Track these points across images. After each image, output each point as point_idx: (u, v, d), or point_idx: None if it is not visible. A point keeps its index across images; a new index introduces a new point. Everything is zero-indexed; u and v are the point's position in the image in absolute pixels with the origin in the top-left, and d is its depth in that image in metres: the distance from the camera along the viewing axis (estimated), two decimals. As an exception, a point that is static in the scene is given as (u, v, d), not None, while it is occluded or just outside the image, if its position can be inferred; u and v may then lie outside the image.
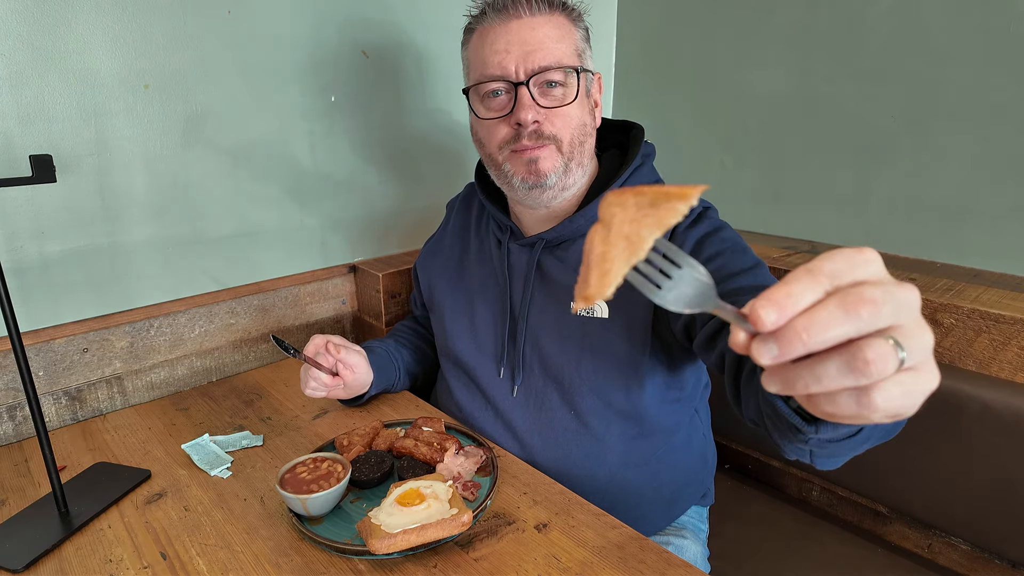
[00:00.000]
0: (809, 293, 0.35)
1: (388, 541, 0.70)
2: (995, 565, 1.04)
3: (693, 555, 0.99)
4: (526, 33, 0.87)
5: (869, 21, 1.27)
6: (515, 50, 0.87)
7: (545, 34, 0.87)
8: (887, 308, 0.34)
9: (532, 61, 0.87)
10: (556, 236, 0.95)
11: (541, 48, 0.87)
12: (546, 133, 0.89)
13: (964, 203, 1.21)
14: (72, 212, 1.05)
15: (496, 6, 0.89)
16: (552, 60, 0.87)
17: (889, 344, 0.35)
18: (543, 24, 0.88)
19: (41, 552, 0.77)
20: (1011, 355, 0.98)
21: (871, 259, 0.37)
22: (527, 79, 0.87)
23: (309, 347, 0.98)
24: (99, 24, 1.02)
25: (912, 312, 0.36)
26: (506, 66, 0.87)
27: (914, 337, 0.36)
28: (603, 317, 0.91)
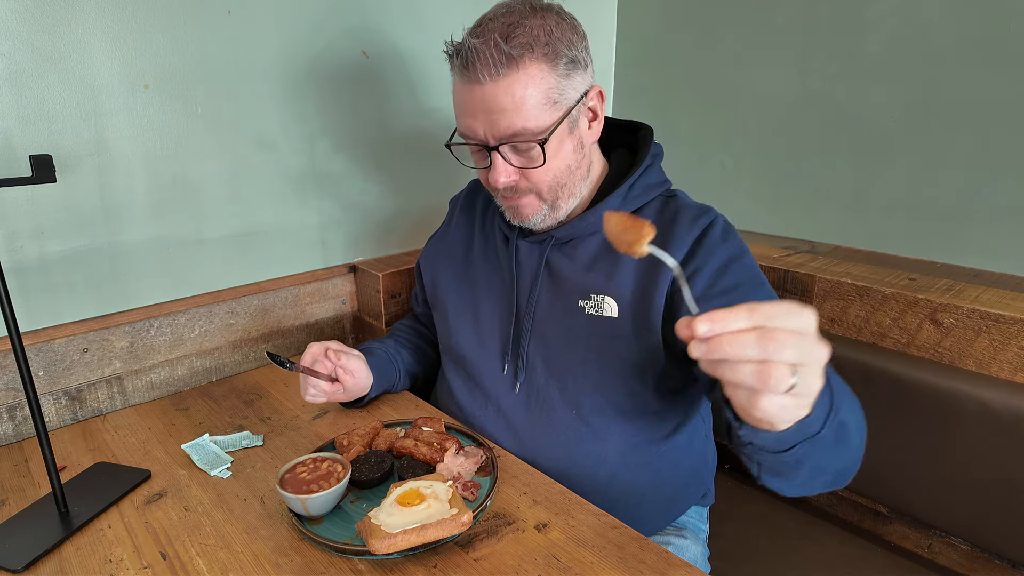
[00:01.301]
0: (740, 322, 0.49)
1: (388, 541, 0.70)
2: (995, 565, 1.04)
3: (693, 555, 0.99)
4: (489, 101, 0.83)
5: (869, 21, 1.27)
6: (481, 117, 0.84)
7: (509, 100, 0.82)
8: (791, 350, 0.48)
9: (498, 129, 0.84)
10: (566, 234, 0.95)
11: (504, 116, 0.83)
12: (521, 188, 0.89)
13: (964, 203, 1.21)
14: (72, 212, 1.05)
15: (464, 60, 0.83)
16: (518, 127, 0.83)
17: (788, 371, 0.49)
18: (506, 89, 0.82)
19: (41, 552, 0.77)
20: (1011, 355, 0.98)
21: (806, 316, 0.50)
22: (496, 145, 0.86)
23: (306, 356, 0.98)
24: (99, 24, 1.02)
25: (813, 359, 0.50)
26: (475, 131, 0.86)
27: (808, 376, 0.51)
28: (612, 316, 0.91)
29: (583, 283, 0.93)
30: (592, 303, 0.92)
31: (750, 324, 0.49)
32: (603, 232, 0.90)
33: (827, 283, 1.17)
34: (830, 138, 1.37)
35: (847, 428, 0.66)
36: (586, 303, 0.92)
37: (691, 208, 0.92)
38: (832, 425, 0.62)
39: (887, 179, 1.30)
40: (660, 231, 0.89)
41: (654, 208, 0.94)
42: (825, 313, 1.18)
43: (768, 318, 0.49)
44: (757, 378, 0.49)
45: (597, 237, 0.95)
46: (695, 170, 1.63)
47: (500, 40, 0.81)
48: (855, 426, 0.70)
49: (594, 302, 0.92)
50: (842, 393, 0.67)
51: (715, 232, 0.88)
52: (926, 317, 1.06)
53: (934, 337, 1.06)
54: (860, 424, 0.72)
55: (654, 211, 0.94)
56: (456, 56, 0.85)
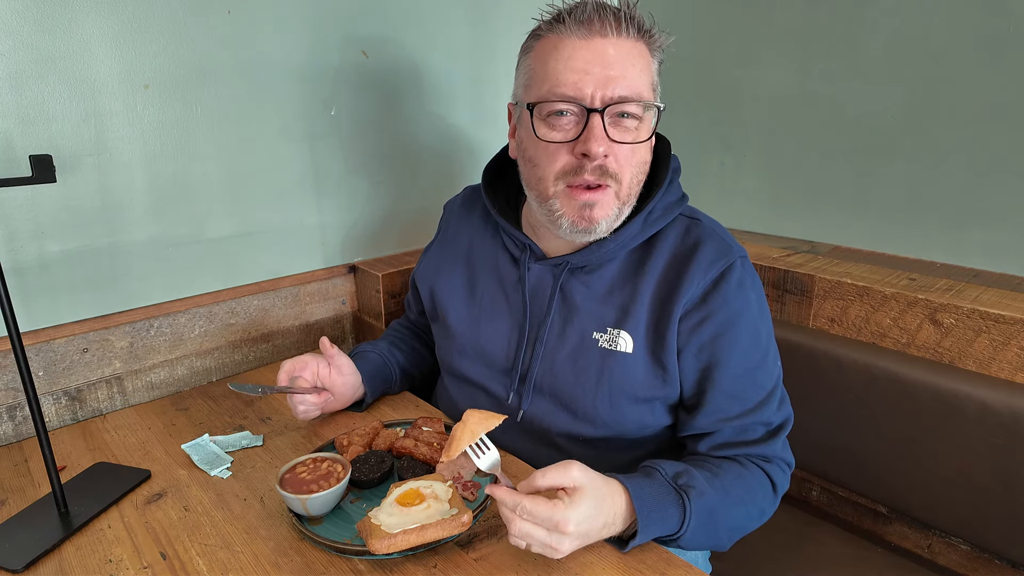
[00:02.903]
0: (504, 511, 0.69)
1: (388, 541, 0.70)
2: (995, 565, 1.04)
3: (694, 555, 0.99)
4: (611, 55, 0.78)
5: (869, 21, 1.27)
6: (596, 72, 0.78)
7: (630, 60, 0.79)
8: (523, 532, 0.68)
9: (612, 89, 0.78)
10: (582, 260, 0.90)
11: (624, 76, 0.79)
12: (610, 170, 0.81)
13: (964, 203, 1.21)
14: (72, 212, 1.05)
15: (579, 17, 0.79)
16: (633, 91, 0.79)
17: (520, 541, 0.69)
18: (629, 49, 0.79)
19: (41, 552, 0.77)
20: (1011, 355, 0.98)
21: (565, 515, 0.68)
22: (603, 107, 0.79)
23: (280, 376, 0.97)
24: (99, 24, 1.02)
25: (545, 539, 0.68)
26: (582, 88, 0.79)
27: (537, 547, 0.69)
28: (627, 352, 0.88)
29: (599, 314, 0.90)
30: (607, 336, 0.89)
31: (507, 515, 0.69)
32: (619, 260, 0.91)
33: (827, 283, 1.17)
34: (830, 138, 1.37)
35: (689, 547, 0.79)
36: (601, 335, 0.89)
37: (712, 244, 0.88)
38: (673, 544, 0.78)
39: (887, 179, 1.30)
40: (677, 260, 0.88)
41: (675, 232, 0.90)
42: (825, 313, 1.18)
43: (522, 512, 0.68)
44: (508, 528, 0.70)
45: (615, 264, 0.91)
46: (695, 170, 1.63)
47: (628, 6, 0.81)
48: (711, 542, 0.82)
49: (609, 335, 0.89)
50: (704, 527, 0.77)
51: (731, 280, 0.86)
52: (926, 317, 1.06)
53: (934, 337, 1.06)
54: (723, 535, 0.82)
55: (675, 236, 0.90)
56: (570, 14, 0.80)
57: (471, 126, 1.53)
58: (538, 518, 0.67)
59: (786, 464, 0.90)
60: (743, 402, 0.87)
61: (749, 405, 0.87)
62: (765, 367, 0.89)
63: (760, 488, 0.86)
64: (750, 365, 0.87)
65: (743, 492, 0.83)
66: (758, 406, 0.87)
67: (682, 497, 0.76)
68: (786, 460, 0.90)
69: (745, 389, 0.87)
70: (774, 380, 0.89)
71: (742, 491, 0.83)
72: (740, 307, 0.87)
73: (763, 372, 0.88)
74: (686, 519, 0.75)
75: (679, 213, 0.92)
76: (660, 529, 0.74)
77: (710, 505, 0.78)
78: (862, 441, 1.11)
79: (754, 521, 0.86)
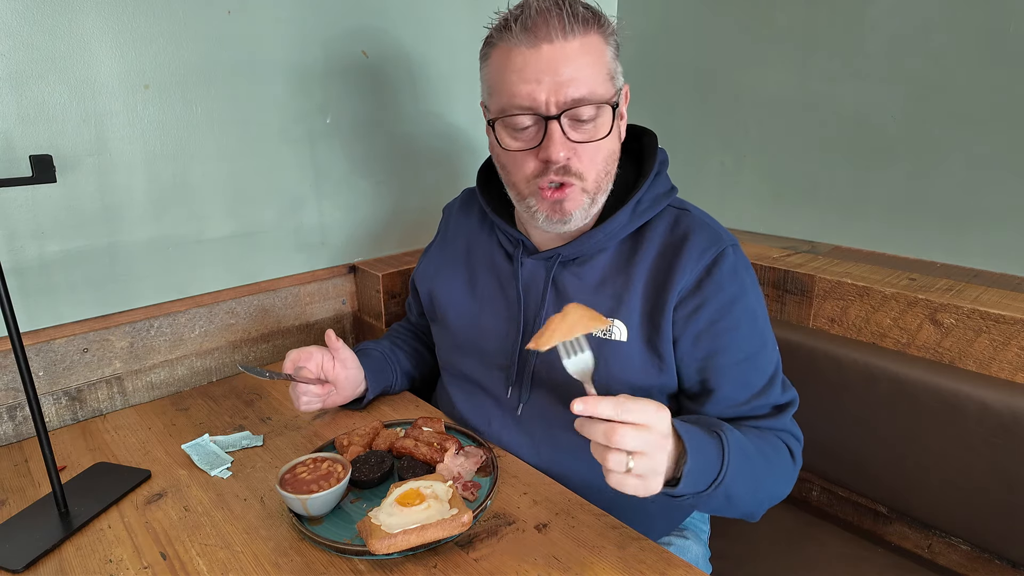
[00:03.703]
0: (604, 412, 0.64)
1: (388, 541, 0.70)
2: (995, 565, 1.04)
3: (695, 556, 0.99)
4: (559, 61, 0.79)
5: (869, 21, 1.27)
6: (547, 80, 0.79)
7: (579, 62, 0.80)
8: (631, 441, 0.63)
9: (565, 94, 0.79)
10: (573, 252, 0.92)
11: (575, 79, 0.79)
12: (573, 170, 0.84)
13: (964, 203, 1.21)
14: (72, 212, 1.05)
15: (524, 23, 0.79)
16: (586, 92, 0.80)
17: (623, 457, 0.64)
18: (577, 49, 0.79)
19: (41, 552, 0.77)
20: (1011, 355, 0.98)
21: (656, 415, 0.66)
22: (559, 113, 0.80)
23: (287, 364, 0.97)
24: (99, 24, 1.02)
25: (653, 447, 0.65)
26: (536, 98, 0.80)
27: (645, 461, 0.65)
28: (622, 341, 0.89)
29: (591, 304, 0.89)
30: None
31: (610, 415, 0.64)
32: (610, 251, 0.92)
33: (827, 283, 1.17)
34: (830, 138, 1.37)
35: (732, 499, 0.77)
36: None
37: (702, 233, 0.89)
38: (717, 493, 0.74)
39: (887, 179, 1.30)
40: (668, 249, 0.89)
41: (664, 222, 0.92)
42: (825, 313, 1.18)
43: (624, 412, 0.64)
44: (601, 456, 0.66)
45: (605, 255, 0.92)
46: (695, 170, 1.63)
47: (568, 6, 0.79)
48: (748, 495, 0.81)
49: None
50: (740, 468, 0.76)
51: (724, 266, 0.87)
52: (926, 317, 1.06)
53: (934, 337, 1.06)
54: (758, 490, 0.82)
55: (665, 226, 0.91)
56: (516, 20, 0.80)
57: (471, 126, 1.53)
58: (640, 415, 0.64)
59: (796, 439, 0.90)
60: (749, 387, 0.88)
61: (754, 390, 0.88)
62: (765, 351, 0.90)
63: (781, 451, 0.86)
64: (751, 350, 0.88)
65: (771, 450, 0.84)
66: (763, 390, 0.88)
67: (716, 432, 0.76)
68: (795, 435, 0.90)
69: (748, 373, 0.88)
70: (775, 364, 0.90)
71: (770, 449, 0.84)
72: (736, 292, 0.88)
73: (764, 356, 0.89)
74: (726, 452, 0.74)
75: (668, 204, 0.93)
76: (705, 459, 0.72)
77: (744, 446, 0.78)
78: (862, 441, 1.11)
79: (781, 487, 0.86)
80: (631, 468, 0.64)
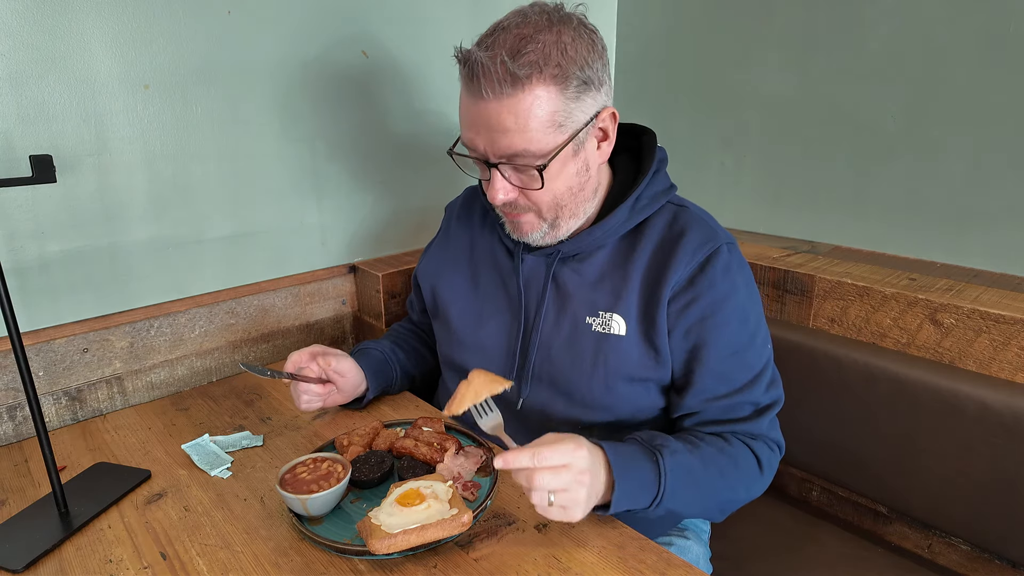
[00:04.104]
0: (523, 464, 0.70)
1: (388, 541, 0.70)
2: (995, 565, 1.04)
3: (695, 555, 0.99)
4: (492, 118, 0.80)
5: (869, 21, 1.27)
6: (483, 133, 0.82)
7: (511, 121, 0.79)
8: (549, 484, 0.70)
9: (498, 148, 0.82)
10: (572, 248, 0.93)
11: (505, 136, 0.80)
12: (521, 205, 0.88)
13: (964, 203, 1.21)
14: (72, 212, 1.05)
15: (468, 74, 0.80)
16: (519, 148, 0.81)
17: (545, 495, 0.71)
18: (509, 108, 0.79)
19: (41, 552, 0.77)
20: (1011, 355, 0.98)
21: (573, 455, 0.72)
22: (496, 162, 0.84)
23: (288, 365, 0.98)
24: (99, 24, 1.02)
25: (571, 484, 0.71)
26: (476, 146, 0.84)
27: (563, 495, 0.71)
28: (620, 335, 0.90)
29: (590, 299, 0.93)
30: (600, 320, 0.91)
31: (528, 466, 0.70)
32: (609, 248, 0.94)
33: (827, 283, 1.17)
34: (830, 138, 1.37)
35: (677, 513, 0.83)
36: (593, 319, 0.92)
37: (699, 230, 0.90)
38: (659, 508, 0.79)
39: (887, 179, 1.30)
40: (664, 245, 0.91)
41: (662, 219, 0.93)
42: (825, 313, 1.18)
43: (540, 460, 0.70)
44: (528, 495, 0.72)
45: (605, 251, 0.93)
46: (695, 170, 1.63)
47: (507, 58, 0.77)
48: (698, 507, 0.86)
49: (602, 319, 0.91)
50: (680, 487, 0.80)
51: (717, 263, 0.88)
52: (926, 317, 1.06)
53: (934, 337, 1.06)
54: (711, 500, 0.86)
55: (663, 222, 0.92)
56: (463, 65, 0.81)
57: (471, 126, 1.53)
58: (556, 459, 0.70)
59: (774, 443, 0.91)
60: (730, 382, 0.89)
61: (736, 385, 0.89)
62: (754, 348, 0.91)
63: (744, 462, 0.87)
64: (738, 346, 0.89)
65: (726, 462, 0.85)
66: (746, 386, 0.89)
67: (655, 454, 0.80)
68: (774, 439, 0.91)
69: (733, 370, 0.89)
70: (763, 361, 0.91)
71: (725, 461, 0.85)
72: (727, 290, 0.89)
73: (751, 353, 0.90)
74: (662, 475, 0.78)
75: (667, 201, 0.94)
76: (636, 483, 0.77)
77: (687, 465, 0.81)
78: (862, 441, 1.11)
79: (740, 494, 0.88)
80: (552, 502, 0.71)
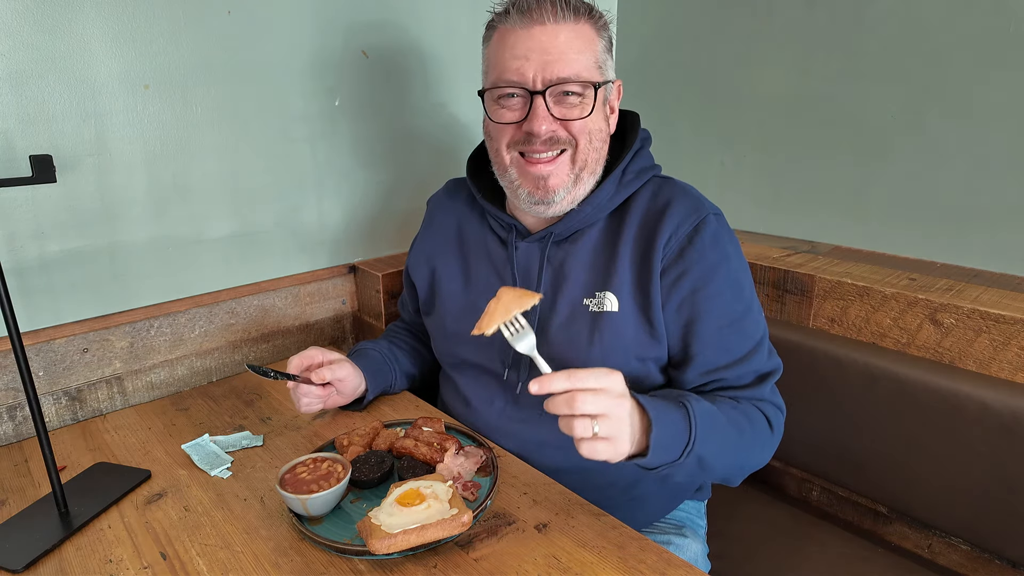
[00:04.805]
0: (559, 386, 0.69)
1: (388, 541, 0.70)
2: (995, 565, 1.04)
3: (694, 553, 0.99)
4: (548, 41, 0.86)
5: (869, 21, 1.27)
6: (535, 58, 0.86)
7: (567, 44, 0.86)
8: (591, 406, 0.67)
9: (551, 71, 0.86)
10: (564, 229, 0.95)
11: (561, 58, 0.86)
12: (561, 138, 0.89)
13: (964, 203, 1.21)
14: (72, 212, 1.05)
15: (520, 8, 0.87)
16: (571, 72, 0.86)
17: (588, 422, 0.68)
18: (566, 33, 0.86)
19: (41, 552, 0.77)
20: (1011, 355, 0.98)
21: (610, 378, 0.70)
22: (544, 89, 0.86)
23: (289, 368, 0.99)
24: (99, 24, 1.02)
25: (613, 408, 0.69)
26: (524, 73, 0.87)
27: (608, 423, 0.69)
28: (613, 311, 0.91)
29: (585, 280, 0.94)
30: (595, 300, 0.92)
31: (566, 387, 0.68)
32: (599, 226, 0.95)
33: (827, 283, 1.17)
34: (830, 138, 1.37)
35: (705, 465, 0.80)
36: (590, 300, 0.93)
37: (684, 201, 0.92)
38: (688, 461, 0.77)
39: (887, 179, 1.30)
40: (650, 217, 0.92)
41: (647, 192, 0.95)
42: (825, 313, 1.18)
43: (577, 381, 0.68)
44: (568, 427, 0.69)
45: (594, 230, 0.95)
46: (695, 170, 1.63)
47: None
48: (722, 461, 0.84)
49: (597, 299, 0.92)
50: (709, 435, 0.79)
51: (705, 234, 0.89)
52: (926, 317, 1.06)
53: (934, 337, 1.06)
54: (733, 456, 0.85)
55: (648, 195, 0.94)
56: (513, 6, 0.87)
57: (471, 125, 1.53)
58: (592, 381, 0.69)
59: (777, 408, 0.92)
60: (730, 352, 0.89)
61: (738, 355, 0.89)
62: (751, 317, 0.91)
63: (757, 422, 0.88)
64: (735, 316, 0.90)
65: (743, 419, 0.86)
66: (747, 356, 0.89)
67: (681, 402, 0.80)
68: (776, 404, 0.92)
69: (731, 340, 0.89)
70: (761, 331, 0.92)
71: (741, 419, 0.86)
72: (717, 260, 0.89)
73: (749, 322, 0.91)
74: (692, 419, 0.77)
75: (653, 176, 0.96)
76: (671, 427, 0.76)
77: (712, 413, 0.81)
78: (862, 441, 1.11)
79: (756, 453, 0.89)
80: (596, 432, 0.68)
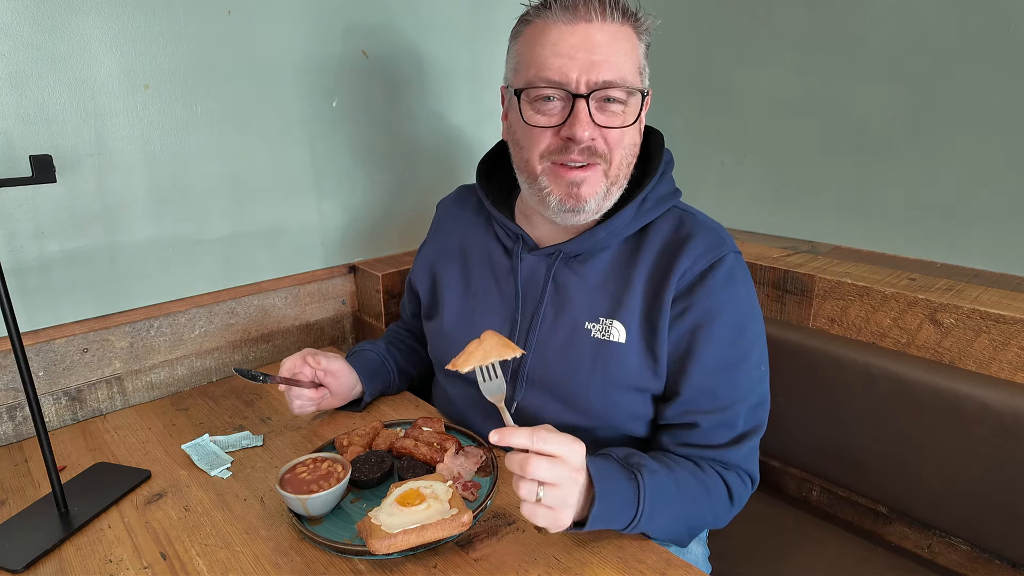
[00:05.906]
0: (518, 442, 0.66)
1: (388, 541, 0.70)
2: (995, 565, 1.04)
3: (694, 555, 0.99)
4: (595, 41, 0.79)
5: (869, 21, 1.27)
6: (580, 57, 0.79)
7: (615, 45, 0.80)
8: (543, 472, 0.65)
9: (597, 73, 0.79)
10: (575, 248, 0.91)
11: (608, 60, 0.79)
12: (599, 151, 0.83)
13: (964, 203, 1.21)
14: (72, 212, 1.06)
15: (564, 2, 0.80)
16: (618, 76, 0.80)
17: (535, 486, 0.66)
18: (613, 33, 0.80)
19: (41, 552, 0.77)
20: (1011, 355, 0.98)
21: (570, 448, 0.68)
22: (588, 92, 0.80)
23: (282, 372, 0.97)
24: (99, 24, 1.02)
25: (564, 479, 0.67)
26: (567, 73, 0.80)
27: (555, 491, 0.67)
28: (620, 342, 0.87)
29: (591, 304, 0.90)
30: (600, 326, 0.89)
31: (525, 445, 0.66)
32: (612, 251, 0.91)
33: (827, 283, 1.17)
34: (830, 138, 1.36)
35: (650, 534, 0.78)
36: (593, 325, 0.89)
37: (706, 236, 0.88)
38: (636, 530, 0.76)
39: (887, 179, 1.30)
40: (669, 249, 0.88)
41: (668, 223, 0.91)
42: (825, 313, 1.18)
43: (539, 443, 0.66)
44: (516, 486, 0.67)
45: (607, 254, 0.91)
46: (695, 170, 1.63)
47: None
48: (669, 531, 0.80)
49: (602, 325, 0.88)
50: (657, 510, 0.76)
51: (719, 272, 0.86)
52: (926, 317, 1.06)
53: (934, 337, 1.06)
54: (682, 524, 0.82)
55: (669, 226, 0.90)
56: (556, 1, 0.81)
57: (471, 125, 1.53)
58: (554, 447, 0.66)
59: (747, 474, 0.89)
60: (714, 399, 0.86)
61: (721, 404, 0.85)
62: (745, 368, 0.87)
63: (716, 491, 0.85)
64: (728, 361, 0.86)
65: (699, 488, 0.83)
66: (728, 407, 0.85)
67: (634, 474, 0.76)
68: (747, 470, 0.89)
69: (719, 386, 0.86)
70: (753, 385, 0.88)
71: (698, 487, 0.83)
72: (724, 300, 0.86)
73: (742, 373, 0.87)
74: (641, 496, 0.74)
75: (673, 205, 0.92)
76: (617, 502, 0.73)
77: (664, 486, 0.78)
78: (862, 441, 1.11)
79: (708, 520, 0.86)
80: (541, 498, 0.66)
